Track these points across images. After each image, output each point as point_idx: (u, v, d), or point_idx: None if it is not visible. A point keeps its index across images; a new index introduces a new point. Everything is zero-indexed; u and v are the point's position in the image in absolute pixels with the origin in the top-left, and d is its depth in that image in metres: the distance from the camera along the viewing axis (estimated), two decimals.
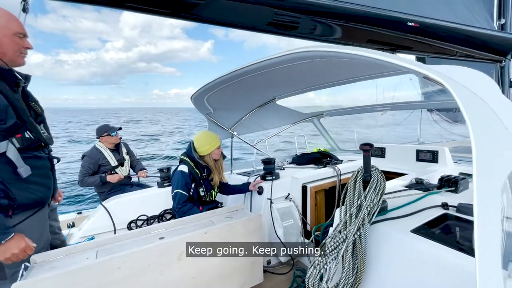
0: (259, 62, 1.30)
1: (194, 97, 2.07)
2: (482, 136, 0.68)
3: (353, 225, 1.14)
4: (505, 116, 0.86)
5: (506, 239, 0.82)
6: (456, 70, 1.04)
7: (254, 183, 2.19)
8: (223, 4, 2.92)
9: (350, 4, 3.15)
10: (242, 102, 2.40)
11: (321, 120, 3.13)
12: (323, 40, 3.58)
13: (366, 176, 1.18)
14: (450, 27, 3.39)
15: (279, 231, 2.02)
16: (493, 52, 3.89)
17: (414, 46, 3.68)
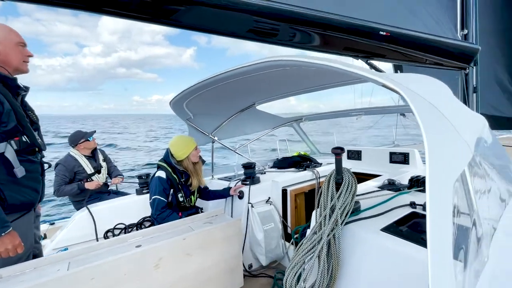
0: (235, 69, 1.33)
1: (173, 102, 2.06)
2: (434, 138, 0.74)
3: (327, 226, 1.19)
4: (456, 119, 0.94)
5: (458, 232, 0.89)
6: (413, 78, 1.12)
7: (234, 188, 2.20)
8: (203, 11, 2.96)
9: (327, 14, 3.29)
10: (222, 107, 2.42)
11: (300, 124, 3.21)
12: (303, 48, 3.69)
13: (338, 179, 1.23)
14: (418, 36, 3.62)
15: (259, 235, 2.03)
16: (458, 60, 4.18)
17: (387, 54, 3.88)
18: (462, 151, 0.86)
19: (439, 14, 4.28)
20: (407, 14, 3.97)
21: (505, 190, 1.29)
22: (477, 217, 0.87)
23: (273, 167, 3.01)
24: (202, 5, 2.92)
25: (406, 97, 0.76)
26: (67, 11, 12.87)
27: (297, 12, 3.33)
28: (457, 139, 0.85)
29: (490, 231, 0.99)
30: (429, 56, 4.27)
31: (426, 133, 0.73)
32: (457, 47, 4.19)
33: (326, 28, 3.44)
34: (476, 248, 0.86)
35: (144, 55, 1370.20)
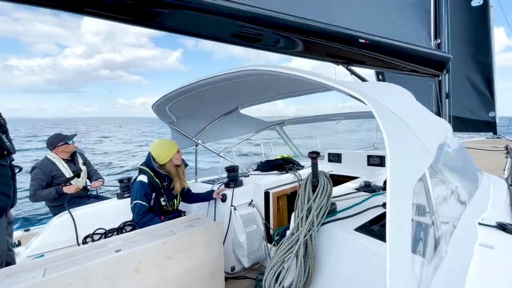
0: (214, 76, 1.36)
1: (156, 106, 2.06)
2: (395, 144, 0.80)
3: (303, 227, 1.24)
4: (418, 126, 1.02)
5: (417, 229, 0.96)
6: (380, 86, 1.20)
7: (217, 191, 2.22)
8: (188, 14, 2.99)
9: (310, 21, 3.41)
10: (206, 111, 2.43)
11: (283, 128, 3.28)
12: (286, 53, 3.79)
13: (314, 182, 1.28)
14: (395, 44, 3.81)
15: (242, 237, 2.06)
16: (432, 68, 4.42)
17: (367, 60, 4.06)
18: (423, 156, 0.93)
19: (415, 24, 4.53)
20: (385, 23, 4.18)
21: (465, 191, 1.40)
22: (436, 216, 0.95)
23: (256, 170, 3.05)
24: (186, 8, 2.95)
25: (370, 106, 0.83)
26: (47, 11, 12.06)
27: (280, 18, 3.43)
28: (417, 144, 0.92)
29: (449, 229, 1.08)
30: (405, 63, 4.51)
31: (388, 140, 0.80)
32: (430, 56, 4.46)
33: (309, 35, 3.56)
34: (434, 244, 0.94)
35: (129, 57, 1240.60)
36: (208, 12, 3.06)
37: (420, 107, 1.35)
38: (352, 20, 3.76)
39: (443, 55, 4.42)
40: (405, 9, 4.42)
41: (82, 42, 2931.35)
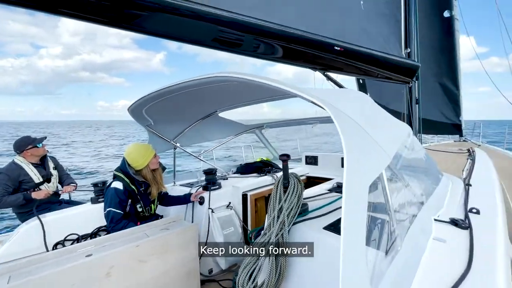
0: (187, 81, 1.38)
1: (132, 109, 2.04)
2: (352, 148, 0.88)
3: (275, 227, 1.29)
4: (376, 131, 1.11)
5: (373, 224, 1.04)
6: (343, 93, 1.29)
7: (195, 194, 2.22)
8: (167, 18, 2.99)
9: (289, 28, 3.53)
10: (184, 114, 2.44)
11: (262, 131, 3.34)
12: (267, 58, 3.89)
13: (285, 183, 1.34)
14: (369, 52, 4.02)
15: (219, 239, 2.08)
16: (403, 75, 4.70)
17: (344, 67, 4.26)
18: (380, 158, 1.02)
19: (387, 34, 4.79)
20: (360, 32, 4.40)
21: (424, 190, 1.51)
22: (392, 213, 1.03)
23: (236, 172, 3.08)
24: (165, 12, 2.95)
25: (330, 112, 0.90)
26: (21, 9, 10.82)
27: (261, 25, 3.53)
28: (374, 147, 1.00)
29: (406, 225, 1.17)
30: (380, 70, 4.75)
31: (345, 143, 0.87)
32: (401, 64, 4.73)
33: (287, 41, 3.68)
34: (390, 238, 1.02)
35: (111, 58, 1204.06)
36: (189, 17, 3.09)
37: (380, 112, 1.45)
38: (328, 29, 3.93)
39: (412, 63, 4.71)
40: (378, 20, 4.67)
41: (60, 42, 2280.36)
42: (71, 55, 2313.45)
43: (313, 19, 3.63)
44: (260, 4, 3.46)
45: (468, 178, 2.07)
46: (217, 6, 3.04)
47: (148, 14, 2.68)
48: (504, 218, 1.50)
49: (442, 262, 1.02)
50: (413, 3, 4.56)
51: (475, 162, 2.76)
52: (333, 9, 3.88)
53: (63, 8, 2.08)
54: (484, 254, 1.05)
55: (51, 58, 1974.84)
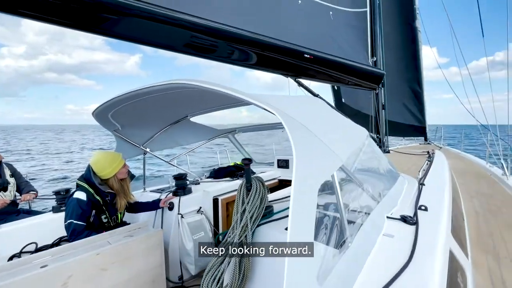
0: (150, 87, 1.38)
1: (96, 113, 1.98)
2: (302, 151, 0.94)
3: (238, 229, 1.32)
4: (329, 135, 1.18)
5: (322, 221, 1.11)
6: (298, 100, 1.36)
7: (164, 200, 2.20)
8: (136, 22, 2.95)
9: (261, 36, 3.62)
10: (154, 119, 2.41)
11: (235, 136, 3.38)
12: (241, 65, 3.96)
13: (247, 186, 1.38)
14: (337, 60, 4.22)
15: (188, 245, 2.07)
16: (370, 82, 4.97)
17: (315, 74, 4.43)
18: (331, 161, 1.09)
19: (355, 43, 5.06)
20: (329, 41, 4.60)
21: (379, 189, 1.62)
22: (342, 212, 1.10)
23: (209, 177, 3.08)
24: (134, 16, 2.91)
25: (281, 119, 0.95)
26: None
27: (235, 32, 3.58)
28: (325, 151, 1.07)
29: (358, 223, 1.25)
30: (350, 78, 4.99)
31: (295, 148, 0.92)
32: (368, 71, 5.00)
33: (260, 48, 3.77)
34: (340, 236, 1.09)
35: (81, 60, 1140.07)
36: (159, 22, 3.07)
37: (336, 117, 1.55)
38: (299, 37, 4.08)
39: (378, 71, 5.00)
40: (347, 30, 4.92)
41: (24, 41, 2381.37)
42: (36, 55, 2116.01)
43: (284, 28, 3.76)
44: (233, 11, 3.54)
45: (423, 178, 2.24)
46: (190, 12, 3.06)
47: (118, 18, 2.64)
48: (449, 214, 1.64)
49: (388, 256, 1.11)
50: (378, 15, 4.87)
51: (432, 163, 2.98)
52: (303, 18, 4.05)
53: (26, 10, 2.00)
54: (425, 247, 1.16)
55: (14, 57, 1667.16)
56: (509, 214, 2.73)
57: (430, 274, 1.00)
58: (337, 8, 4.48)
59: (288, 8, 3.89)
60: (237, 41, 3.40)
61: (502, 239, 2.13)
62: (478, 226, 2.37)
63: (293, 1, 3.96)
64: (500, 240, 2.11)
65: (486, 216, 2.65)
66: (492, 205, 3.01)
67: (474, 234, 2.18)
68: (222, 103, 2.17)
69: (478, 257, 1.83)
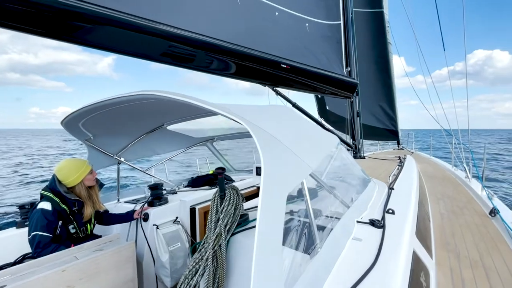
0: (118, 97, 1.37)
1: (66, 122, 1.91)
2: (270, 160, 0.97)
3: (211, 239, 1.32)
4: (298, 144, 1.23)
5: (291, 227, 1.14)
6: (266, 109, 1.41)
7: (138, 210, 2.14)
8: (111, 31, 2.90)
9: (239, 46, 3.68)
10: (128, 128, 2.36)
11: (214, 144, 3.37)
12: (219, 74, 3.99)
13: (221, 195, 1.39)
14: (313, 70, 4.38)
15: (164, 257, 2.02)
16: (345, 90, 5.19)
17: (293, 84, 4.55)
18: (299, 169, 1.13)
19: (330, 54, 5.27)
20: (306, 52, 4.77)
21: (350, 195, 1.69)
22: (312, 218, 1.14)
23: (187, 186, 3.03)
24: (108, 25, 2.88)
25: (249, 129, 0.98)
26: None
27: (213, 42, 3.62)
28: (293, 159, 1.11)
29: (328, 228, 1.30)
30: (325, 86, 5.17)
31: (263, 157, 0.95)
32: (343, 81, 5.22)
33: (238, 58, 3.84)
34: (309, 241, 1.12)
35: (48, 60, 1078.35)
36: (136, 31, 3.04)
37: (307, 126, 1.61)
38: (277, 47, 4.20)
39: (352, 81, 5.23)
40: (322, 41, 5.13)
41: None
42: None
43: (262, 38, 3.86)
44: (212, 22, 3.59)
45: (393, 183, 2.36)
46: (167, 22, 3.06)
47: (91, 27, 2.59)
48: (415, 217, 1.74)
49: (355, 259, 1.16)
50: (351, 28, 5.14)
51: (402, 169, 3.14)
52: (281, 30, 4.18)
53: None
54: (390, 249, 1.22)
55: None
56: (470, 215, 2.93)
57: (394, 275, 1.05)
58: (312, 20, 4.67)
59: (266, 20, 4.00)
60: (216, 51, 3.44)
61: (463, 239, 2.28)
62: (442, 227, 2.52)
63: (271, 13, 4.08)
64: (461, 240, 2.26)
65: (450, 217, 2.82)
66: (455, 207, 3.22)
67: (439, 235, 2.32)
68: (196, 112, 2.18)
69: (441, 257, 1.94)
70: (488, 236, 2.37)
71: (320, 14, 4.82)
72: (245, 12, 3.77)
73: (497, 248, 2.15)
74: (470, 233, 2.43)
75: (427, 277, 1.35)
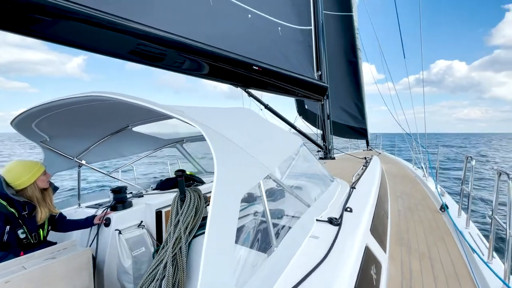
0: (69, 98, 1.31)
1: (16, 122, 1.78)
2: (223, 162, 0.98)
3: (171, 242, 1.30)
4: (256, 146, 1.26)
5: (246, 227, 1.17)
6: (224, 112, 1.43)
7: (99, 215, 2.04)
8: (73, 25, 2.76)
9: (212, 47, 3.66)
10: (91, 129, 2.25)
11: (184, 145, 3.32)
12: (191, 74, 3.93)
13: (181, 197, 1.38)
14: (284, 73, 4.47)
15: (127, 263, 1.95)
16: (317, 93, 5.36)
17: (265, 86, 4.60)
18: (256, 171, 1.16)
19: (302, 58, 5.41)
20: (279, 55, 4.85)
21: (309, 195, 1.76)
22: (269, 218, 1.17)
23: (156, 189, 2.95)
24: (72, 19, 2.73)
25: (203, 132, 0.99)
26: None
27: (184, 42, 3.56)
28: (250, 161, 1.14)
29: (287, 227, 1.34)
30: (297, 89, 5.29)
31: (217, 160, 0.97)
32: (314, 84, 5.38)
33: (210, 59, 3.81)
34: (265, 239, 1.15)
35: (10, 59, 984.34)
36: (101, 27, 2.91)
37: (269, 128, 1.65)
38: (250, 50, 4.23)
39: (323, 84, 5.41)
40: (294, 45, 5.26)
41: None
42: None
43: (235, 40, 3.87)
44: (185, 22, 3.53)
45: (356, 182, 2.48)
46: (138, 20, 2.97)
47: (53, 20, 2.43)
48: (371, 214, 1.85)
49: (310, 256, 1.21)
50: (321, 33, 5.32)
51: (367, 168, 3.31)
52: (254, 33, 4.22)
53: None
54: (343, 245, 1.29)
55: None
56: (423, 211, 3.17)
57: (342, 268, 1.11)
58: (285, 24, 4.78)
59: (239, 22, 4.03)
60: (187, 51, 3.40)
61: (415, 234, 2.47)
62: (398, 223, 2.70)
63: (243, 15, 4.11)
64: (414, 235, 2.44)
65: (406, 214, 3.03)
66: (411, 204, 3.46)
67: (395, 231, 2.49)
68: (158, 114, 2.13)
69: (395, 251, 2.08)
70: (437, 230, 2.58)
71: (292, 18, 4.94)
72: (217, 13, 3.76)
73: (443, 240, 2.35)
74: (422, 228, 2.63)
75: (378, 270, 1.44)
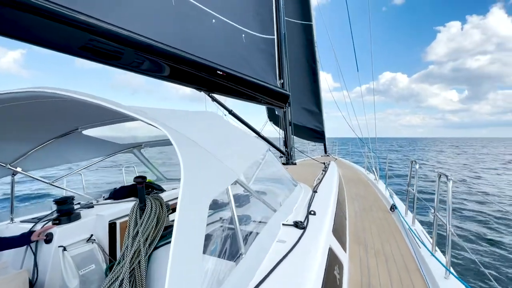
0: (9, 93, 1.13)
1: None
2: (190, 167, 0.93)
3: (128, 256, 1.18)
4: (223, 151, 1.23)
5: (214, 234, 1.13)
6: (192, 116, 1.39)
7: (39, 231, 1.77)
8: (11, 13, 2.42)
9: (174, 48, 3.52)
10: (30, 131, 1.96)
11: (142, 151, 3.11)
12: (152, 76, 3.72)
13: (141, 206, 1.28)
14: (248, 79, 4.51)
15: (73, 283, 1.72)
16: (279, 101, 5.51)
17: (228, 91, 4.58)
18: (224, 176, 1.12)
19: (265, 66, 5.53)
20: (242, 62, 4.88)
21: (276, 199, 1.78)
22: (237, 224, 1.14)
23: (108, 198, 2.69)
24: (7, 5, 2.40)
25: (169, 136, 0.93)
26: None
27: (142, 41, 3.35)
28: (218, 166, 1.10)
29: (254, 233, 1.32)
30: (261, 96, 5.37)
31: (184, 165, 0.91)
32: (277, 92, 5.52)
33: (172, 60, 3.65)
34: (233, 246, 1.12)
35: None
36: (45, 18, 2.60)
37: (235, 133, 1.64)
38: (214, 54, 4.18)
39: (285, 92, 5.58)
40: (257, 52, 5.35)
41: None
42: None
43: (199, 44, 3.79)
44: (146, 21, 3.35)
45: (317, 186, 2.58)
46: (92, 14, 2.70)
47: None
48: (332, 216, 1.94)
49: (276, 260, 1.21)
50: (283, 43, 5.53)
51: (326, 173, 3.48)
52: (218, 38, 4.19)
53: None
54: (308, 248, 1.32)
55: None
56: (377, 211, 3.46)
57: (307, 271, 1.13)
58: (249, 32, 4.85)
59: (203, 25, 3.96)
60: (146, 50, 3.21)
61: (370, 233, 2.67)
62: (355, 224, 2.89)
63: (208, 19, 4.06)
64: (369, 234, 2.64)
65: (361, 214, 3.27)
66: (366, 205, 3.75)
67: (352, 231, 2.65)
68: (114, 116, 1.95)
69: (354, 250, 2.21)
70: (388, 228, 2.83)
71: (256, 27, 5.04)
72: (180, 14, 3.65)
73: (394, 237, 2.58)
74: (375, 227, 2.85)
75: (341, 269, 1.50)
